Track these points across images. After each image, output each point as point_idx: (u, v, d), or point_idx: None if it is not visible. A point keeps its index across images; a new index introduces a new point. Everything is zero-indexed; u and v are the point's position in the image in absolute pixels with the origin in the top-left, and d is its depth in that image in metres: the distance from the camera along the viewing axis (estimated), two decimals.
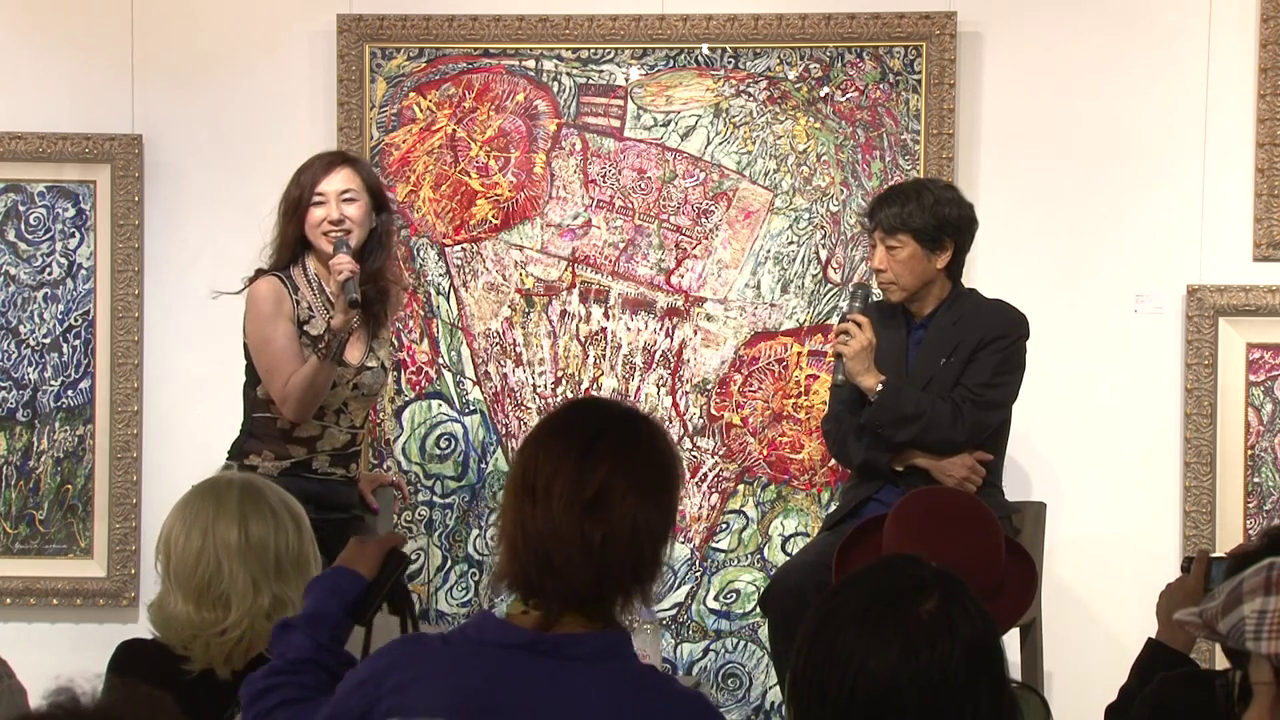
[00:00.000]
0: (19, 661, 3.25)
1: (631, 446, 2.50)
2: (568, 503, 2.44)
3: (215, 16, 5.51)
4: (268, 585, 3.08)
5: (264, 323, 4.58)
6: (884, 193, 4.86)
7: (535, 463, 2.48)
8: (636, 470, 2.48)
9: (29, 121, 5.51)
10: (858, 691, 2.04)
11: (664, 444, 2.54)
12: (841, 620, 2.09)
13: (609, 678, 2.46)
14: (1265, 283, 5.30)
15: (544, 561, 2.45)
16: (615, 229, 5.43)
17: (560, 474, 2.45)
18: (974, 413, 4.68)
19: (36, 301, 5.51)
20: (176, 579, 3.11)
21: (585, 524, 2.44)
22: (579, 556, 2.44)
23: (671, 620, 5.39)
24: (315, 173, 4.65)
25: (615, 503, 2.45)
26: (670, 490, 2.52)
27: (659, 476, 2.50)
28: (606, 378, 5.42)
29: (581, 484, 2.45)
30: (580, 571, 2.45)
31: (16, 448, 5.51)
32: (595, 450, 2.46)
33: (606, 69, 5.43)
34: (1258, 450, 5.30)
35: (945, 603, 2.08)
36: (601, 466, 2.45)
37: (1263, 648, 2.03)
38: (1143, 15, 5.36)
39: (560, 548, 2.44)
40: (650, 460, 2.50)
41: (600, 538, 2.43)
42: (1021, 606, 3.61)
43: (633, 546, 2.46)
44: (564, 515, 2.44)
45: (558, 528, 2.44)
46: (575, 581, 2.45)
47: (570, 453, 2.46)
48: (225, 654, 3.08)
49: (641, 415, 2.59)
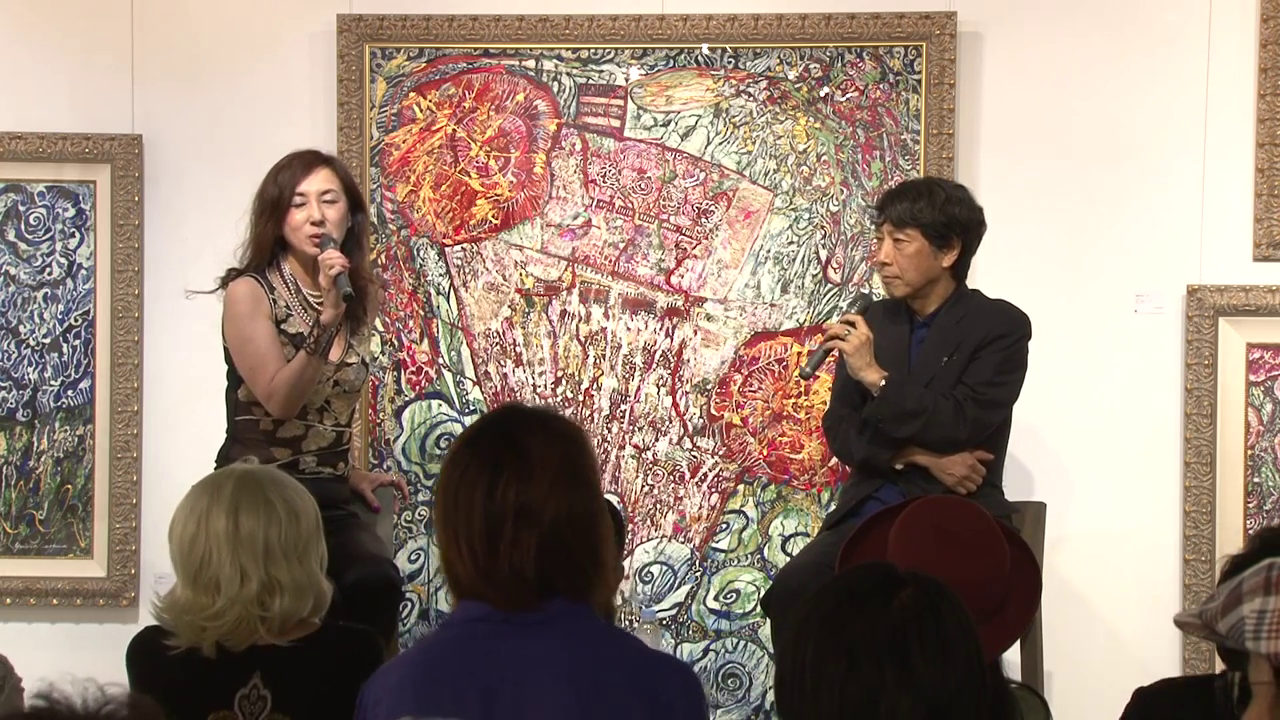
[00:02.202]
0: (19, 661, 3.26)
1: (541, 454, 2.57)
2: (489, 531, 2.55)
3: (215, 16, 5.51)
4: (256, 573, 3.17)
5: (244, 322, 4.56)
6: (895, 187, 4.87)
7: (455, 495, 2.59)
8: (549, 477, 2.56)
9: (29, 121, 5.51)
10: (838, 692, 2.04)
11: (564, 444, 2.61)
12: (816, 622, 2.09)
13: (566, 634, 2.55)
14: (1265, 283, 5.30)
15: (486, 579, 2.57)
16: (615, 229, 5.43)
17: (478, 502, 2.56)
18: (976, 411, 4.68)
19: (36, 301, 5.50)
20: (176, 563, 3.23)
21: (514, 554, 2.54)
22: (513, 575, 2.55)
23: (671, 620, 5.39)
24: (295, 173, 4.60)
25: (535, 517, 2.55)
26: (585, 483, 2.60)
27: (571, 473, 2.58)
28: (606, 378, 5.42)
29: (498, 510, 2.55)
30: (521, 583, 2.55)
31: (16, 448, 5.51)
32: (502, 475, 2.56)
33: (606, 69, 5.43)
34: (1258, 450, 5.30)
35: (919, 602, 2.08)
36: (510, 490, 2.55)
37: (1262, 647, 2.03)
38: (1143, 15, 5.36)
39: (496, 569, 2.56)
40: (561, 461, 2.58)
41: (534, 552, 2.54)
42: (1023, 622, 3.61)
43: (564, 545, 2.55)
44: (489, 550, 2.55)
45: (488, 563, 2.56)
46: (520, 592, 2.56)
47: (481, 479, 2.56)
48: (219, 636, 3.17)
49: (545, 418, 2.66)
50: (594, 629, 2.60)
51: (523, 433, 2.60)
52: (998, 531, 3.36)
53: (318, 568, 3.30)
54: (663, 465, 5.41)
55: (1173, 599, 5.31)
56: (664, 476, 5.41)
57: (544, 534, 2.54)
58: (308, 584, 3.24)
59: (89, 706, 1.65)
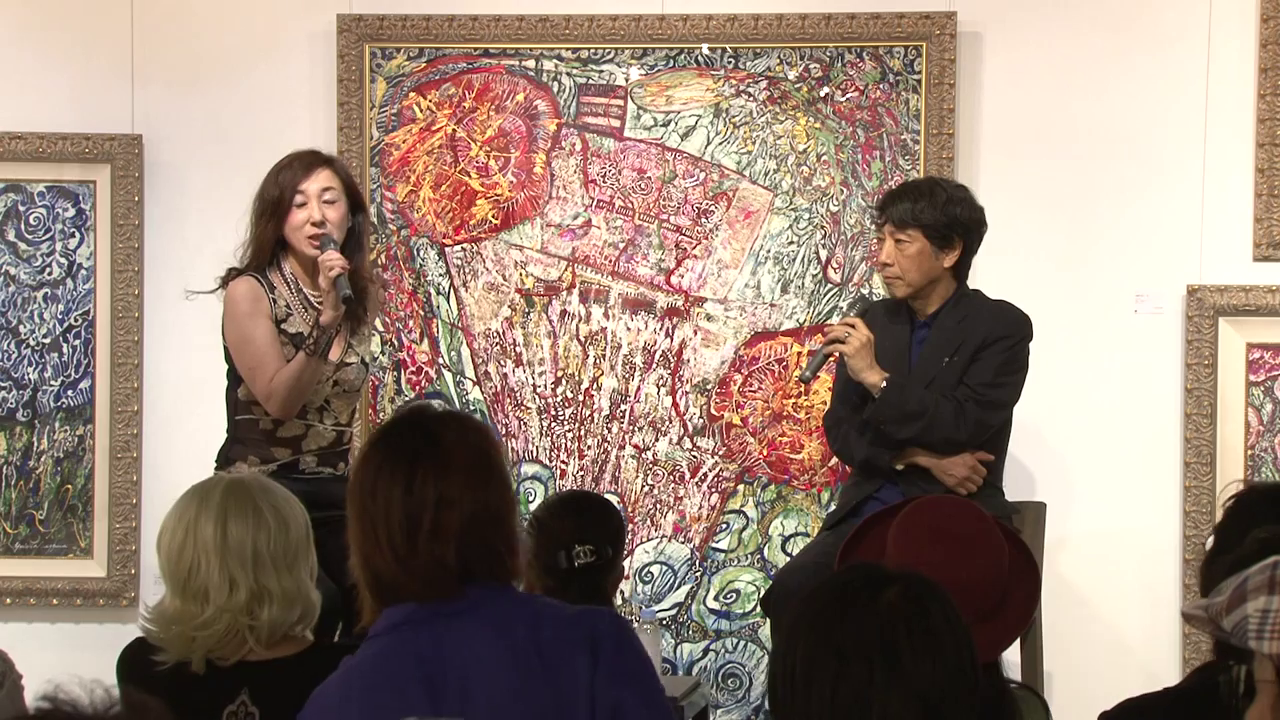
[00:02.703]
0: (19, 662, 3.26)
1: (456, 448, 2.63)
2: (408, 532, 2.59)
3: (215, 16, 5.51)
4: (245, 581, 3.15)
5: (244, 321, 4.56)
6: (897, 188, 4.87)
7: (373, 490, 2.63)
8: (460, 475, 2.61)
9: (29, 121, 5.51)
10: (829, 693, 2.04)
11: (477, 438, 2.67)
12: (805, 624, 2.09)
13: (494, 612, 2.60)
14: (1265, 283, 5.30)
15: (407, 570, 2.60)
16: (615, 229, 5.43)
17: (396, 495, 2.60)
18: (977, 412, 4.68)
19: (36, 301, 5.51)
20: (165, 572, 3.19)
21: (434, 545, 2.58)
22: (434, 564, 2.59)
23: (671, 620, 5.39)
24: (296, 173, 4.59)
25: (451, 513, 2.59)
26: (498, 475, 2.66)
27: (482, 470, 2.63)
28: (606, 378, 5.42)
29: (416, 503, 2.59)
30: (443, 571, 2.59)
31: (16, 448, 5.51)
32: (419, 468, 2.60)
33: (606, 69, 5.43)
34: (1258, 450, 5.30)
35: (906, 600, 2.08)
36: (427, 489, 2.59)
37: (1265, 647, 2.03)
38: (1143, 15, 5.36)
39: (415, 560, 2.59)
40: (470, 459, 2.63)
41: (453, 542, 2.58)
42: (1023, 621, 3.61)
43: (481, 535, 2.61)
44: (407, 541, 2.59)
45: (408, 553, 2.59)
46: (441, 581, 2.60)
47: (399, 473, 2.61)
48: (208, 648, 3.14)
49: (458, 415, 2.74)
50: (519, 600, 2.66)
51: (437, 427, 2.66)
52: (997, 530, 3.36)
53: (307, 577, 3.28)
54: (663, 465, 5.41)
55: (1173, 599, 5.31)
56: (664, 476, 5.41)
57: (462, 525, 2.59)
58: (296, 593, 3.22)
59: (96, 708, 1.64)
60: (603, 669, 2.58)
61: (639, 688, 2.61)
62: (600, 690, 2.57)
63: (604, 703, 2.57)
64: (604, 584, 3.68)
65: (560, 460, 5.43)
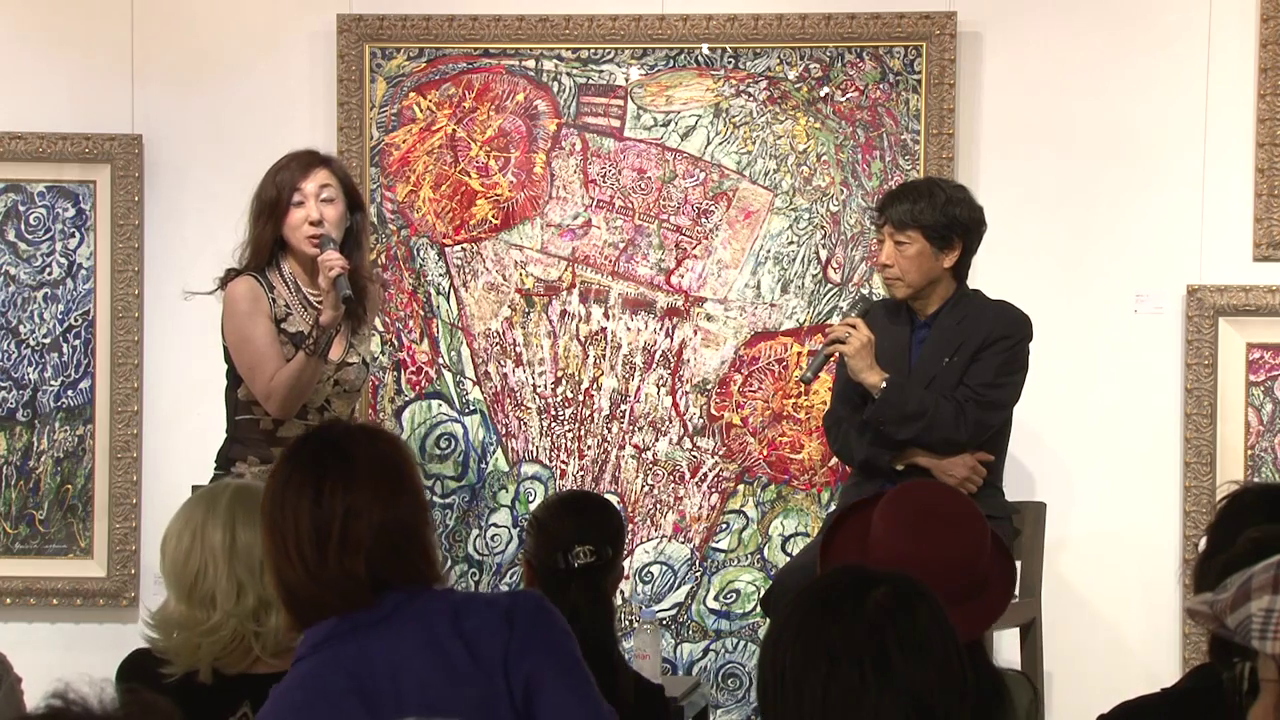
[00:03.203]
0: (19, 661, 3.25)
1: (365, 460, 2.63)
2: (317, 545, 2.59)
3: (215, 16, 5.51)
4: (253, 587, 3.14)
5: (243, 321, 4.55)
6: (896, 189, 4.86)
7: (282, 503, 2.63)
8: (368, 487, 2.61)
9: (29, 121, 5.51)
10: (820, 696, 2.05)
11: (387, 450, 2.67)
12: (793, 627, 2.09)
13: (415, 613, 2.59)
14: (1265, 283, 5.30)
15: (318, 582, 2.60)
16: (615, 229, 5.43)
17: (300, 519, 2.60)
18: (977, 413, 4.68)
19: (36, 301, 5.51)
20: (170, 578, 3.17)
21: (343, 556, 2.58)
22: (345, 576, 2.59)
23: (671, 620, 5.39)
24: (293, 173, 4.59)
25: (359, 524, 2.59)
26: (408, 485, 2.66)
27: (391, 481, 2.63)
28: (606, 378, 5.42)
29: (325, 515, 2.59)
30: (354, 582, 2.59)
31: (16, 448, 5.51)
32: (327, 481, 2.61)
33: (606, 69, 5.43)
34: (1258, 450, 5.30)
35: (893, 601, 2.09)
36: (335, 501, 2.60)
37: (1268, 647, 2.03)
38: (1143, 15, 5.36)
39: (326, 572, 2.59)
40: (378, 471, 2.63)
41: (363, 554, 2.58)
42: (1003, 602, 3.62)
43: (393, 548, 2.61)
44: (317, 554, 2.59)
45: (318, 566, 2.59)
46: (354, 592, 2.60)
47: (308, 486, 2.61)
48: (214, 655, 3.12)
49: (360, 432, 2.72)
50: (437, 597, 2.64)
51: (346, 441, 2.66)
52: (976, 508, 3.38)
53: None
54: (663, 465, 5.41)
55: (1172, 599, 5.31)
56: (664, 476, 5.41)
57: (372, 536, 2.59)
58: None
59: (105, 707, 1.64)
60: (515, 642, 2.57)
61: (552, 659, 2.59)
62: (513, 663, 2.56)
63: (517, 675, 2.56)
64: (604, 584, 3.67)
65: (560, 460, 5.43)
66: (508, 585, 5.40)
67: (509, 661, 2.56)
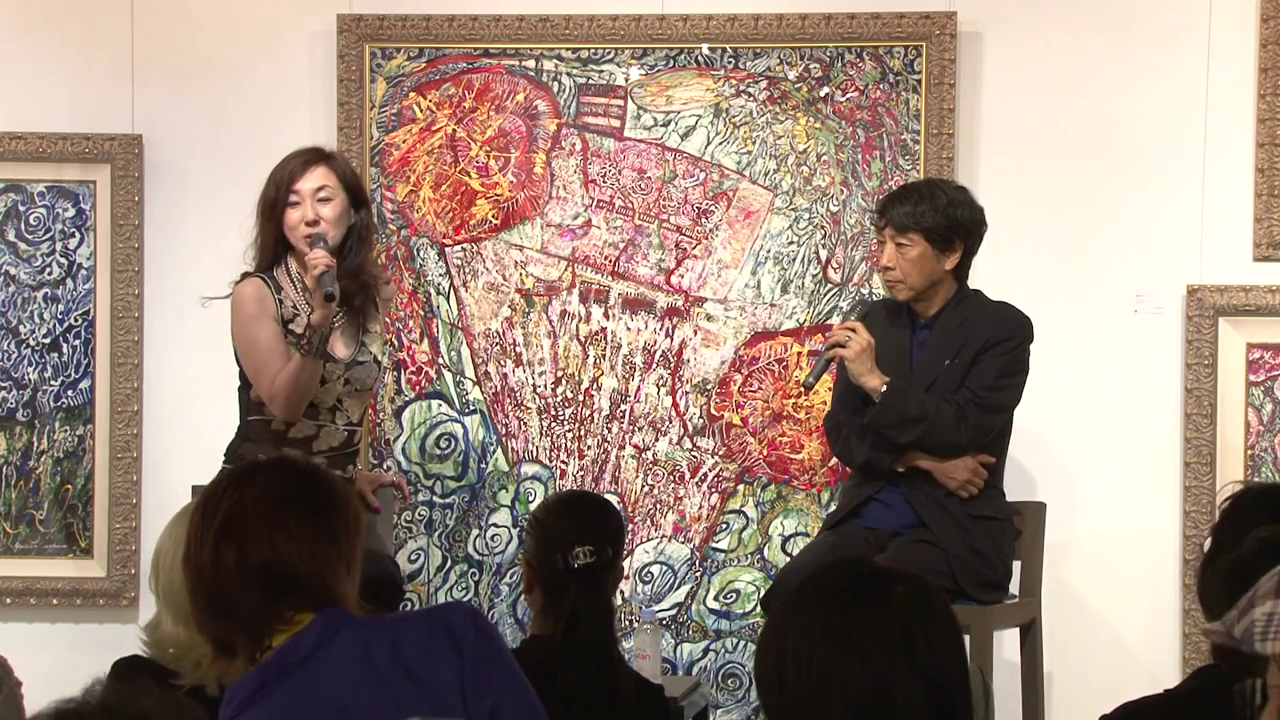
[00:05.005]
0: (19, 661, 3.25)
1: (255, 503, 2.59)
2: (243, 583, 2.56)
3: (215, 16, 5.51)
4: None
5: (248, 323, 4.55)
6: (896, 191, 4.86)
7: (202, 562, 2.59)
8: (294, 529, 2.58)
9: (29, 121, 5.51)
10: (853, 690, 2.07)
11: (313, 487, 2.64)
12: (793, 616, 2.12)
13: (342, 646, 2.56)
14: (1265, 283, 5.30)
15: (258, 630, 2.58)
16: (615, 229, 5.43)
17: (203, 565, 2.57)
18: (978, 415, 4.68)
19: (36, 301, 5.51)
20: (166, 599, 3.10)
21: (267, 598, 2.56)
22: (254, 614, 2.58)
23: (671, 620, 5.39)
24: (291, 172, 4.58)
25: (292, 565, 2.56)
26: (331, 525, 2.62)
27: (316, 519, 2.60)
28: (606, 378, 5.42)
29: (247, 567, 2.55)
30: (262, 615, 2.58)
31: (16, 448, 5.51)
32: (212, 526, 2.58)
33: (606, 69, 5.43)
34: (1258, 450, 5.30)
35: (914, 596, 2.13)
36: (228, 539, 2.56)
37: (1270, 648, 2.04)
38: (1143, 15, 5.36)
39: (255, 619, 2.57)
40: (272, 504, 2.59)
41: (258, 591, 2.56)
42: None
43: (293, 579, 2.57)
44: (245, 594, 2.57)
45: (245, 605, 2.58)
46: (262, 622, 2.59)
47: (231, 544, 2.57)
48: (220, 674, 3.08)
49: (263, 468, 2.70)
50: (363, 626, 2.61)
51: (243, 480, 2.63)
52: None
53: None
54: (663, 465, 5.41)
55: (1173, 599, 5.31)
56: (664, 476, 5.41)
57: (263, 572, 2.56)
58: None
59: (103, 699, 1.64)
60: (470, 670, 2.56)
61: (512, 687, 2.59)
62: (473, 698, 2.54)
63: (479, 711, 2.54)
64: (604, 584, 3.67)
65: (560, 460, 5.43)
66: (508, 585, 5.40)
67: (468, 695, 2.55)
